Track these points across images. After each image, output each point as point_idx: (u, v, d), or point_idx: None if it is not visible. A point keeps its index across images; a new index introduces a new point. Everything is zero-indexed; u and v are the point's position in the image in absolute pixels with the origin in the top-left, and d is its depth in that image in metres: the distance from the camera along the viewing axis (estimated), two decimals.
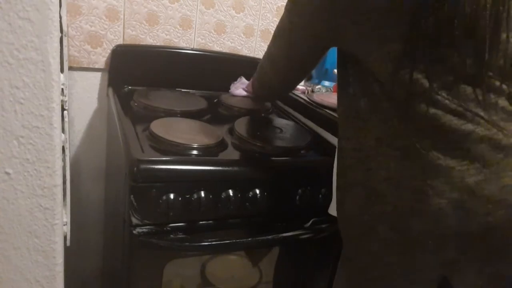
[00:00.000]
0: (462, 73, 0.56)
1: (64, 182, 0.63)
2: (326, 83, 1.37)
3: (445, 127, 0.56)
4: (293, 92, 1.29)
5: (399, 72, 0.57)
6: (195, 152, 0.85)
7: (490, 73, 0.56)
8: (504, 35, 0.54)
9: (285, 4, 0.74)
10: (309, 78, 1.44)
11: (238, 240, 0.86)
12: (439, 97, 0.56)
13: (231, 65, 1.31)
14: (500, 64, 0.55)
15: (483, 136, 0.56)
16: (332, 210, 0.84)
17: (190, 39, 1.29)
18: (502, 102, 0.57)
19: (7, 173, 0.55)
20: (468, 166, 0.56)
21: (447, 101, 0.56)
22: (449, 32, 0.54)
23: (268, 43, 0.86)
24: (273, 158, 0.91)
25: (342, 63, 0.69)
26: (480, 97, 0.56)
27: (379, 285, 0.67)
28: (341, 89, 0.70)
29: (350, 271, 0.73)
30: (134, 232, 0.78)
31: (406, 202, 0.60)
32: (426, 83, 0.56)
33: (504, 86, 0.56)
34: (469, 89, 0.56)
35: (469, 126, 0.56)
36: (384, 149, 0.62)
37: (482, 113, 0.56)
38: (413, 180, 0.59)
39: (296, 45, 0.76)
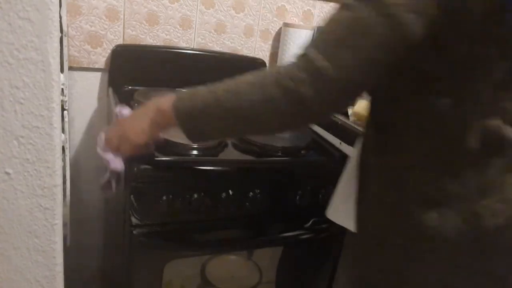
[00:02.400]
0: None
1: (64, 182, 0.63)
2: None
3: (505, 139, 0.56)
4: None
5: (474, 79, 0.55)
6: (195, 152, 0.85)
7: None
8: None
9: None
10: None
11: (238, 240, 0.86)
12: (506, 104, 0.55)
13: (231, 65, 1.31)
14: None
15: None
16: (331, 215, 0.80)
17: (190, 39, 1.29)
18: None
19: (7, 173, 0.55)
20: None
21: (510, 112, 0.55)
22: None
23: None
24: (273, 158, 0.91)
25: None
26: None
27: None
28: (386, 103, 0.63)
29: None
30: (134, 232, 0.78)
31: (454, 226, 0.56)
32: (494, 92, 0.55)
33: None
34: None
35: None
36: (425, 169, 0.58)
37: None
38: (463, 202, 0.56)
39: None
